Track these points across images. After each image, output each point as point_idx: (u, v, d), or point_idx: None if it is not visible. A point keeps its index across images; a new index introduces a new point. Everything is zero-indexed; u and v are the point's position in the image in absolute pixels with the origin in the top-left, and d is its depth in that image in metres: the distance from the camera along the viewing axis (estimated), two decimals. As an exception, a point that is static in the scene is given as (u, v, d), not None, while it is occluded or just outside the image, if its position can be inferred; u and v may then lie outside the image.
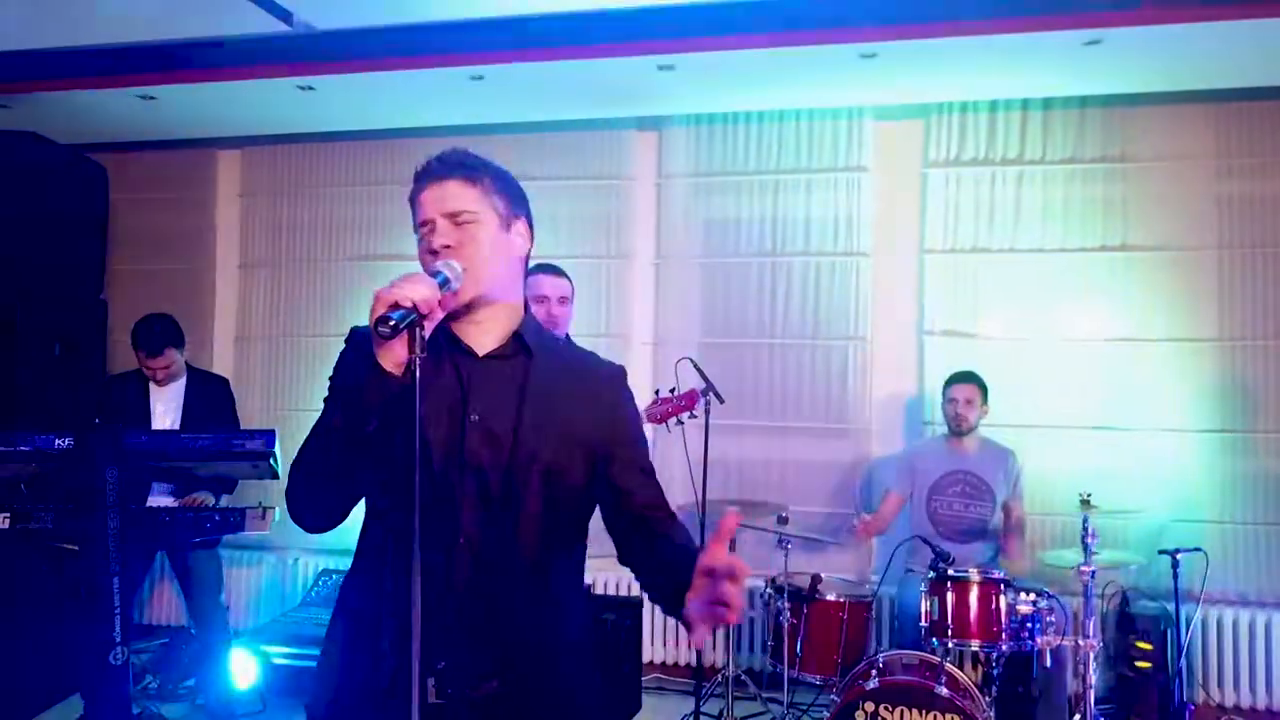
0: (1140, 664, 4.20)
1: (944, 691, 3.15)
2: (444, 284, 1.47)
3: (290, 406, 5.53)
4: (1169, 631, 4.24)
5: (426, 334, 1.43)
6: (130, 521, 3.34)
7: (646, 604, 4.86)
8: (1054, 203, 4.73)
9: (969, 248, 4.80)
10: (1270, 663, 4.37)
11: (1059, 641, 3.31)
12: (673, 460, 4.32)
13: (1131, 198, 4.66)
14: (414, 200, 1.62)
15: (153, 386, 4.20)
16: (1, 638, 4.16)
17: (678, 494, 4.72)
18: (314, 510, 1.57)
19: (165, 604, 5.55)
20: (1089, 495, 3.39)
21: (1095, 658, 3.29)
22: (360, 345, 1.58)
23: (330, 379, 1.64)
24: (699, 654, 4.66)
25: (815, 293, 4.94)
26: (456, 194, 1.58)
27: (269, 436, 3.32)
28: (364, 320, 1.69)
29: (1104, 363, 4.65)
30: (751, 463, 4.97)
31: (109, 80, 4.52)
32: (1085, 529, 3.30)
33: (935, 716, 3.12)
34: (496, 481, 1.53)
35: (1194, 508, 4.51)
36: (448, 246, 1.55)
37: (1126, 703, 4.17)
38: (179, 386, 4.25)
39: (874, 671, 3.37)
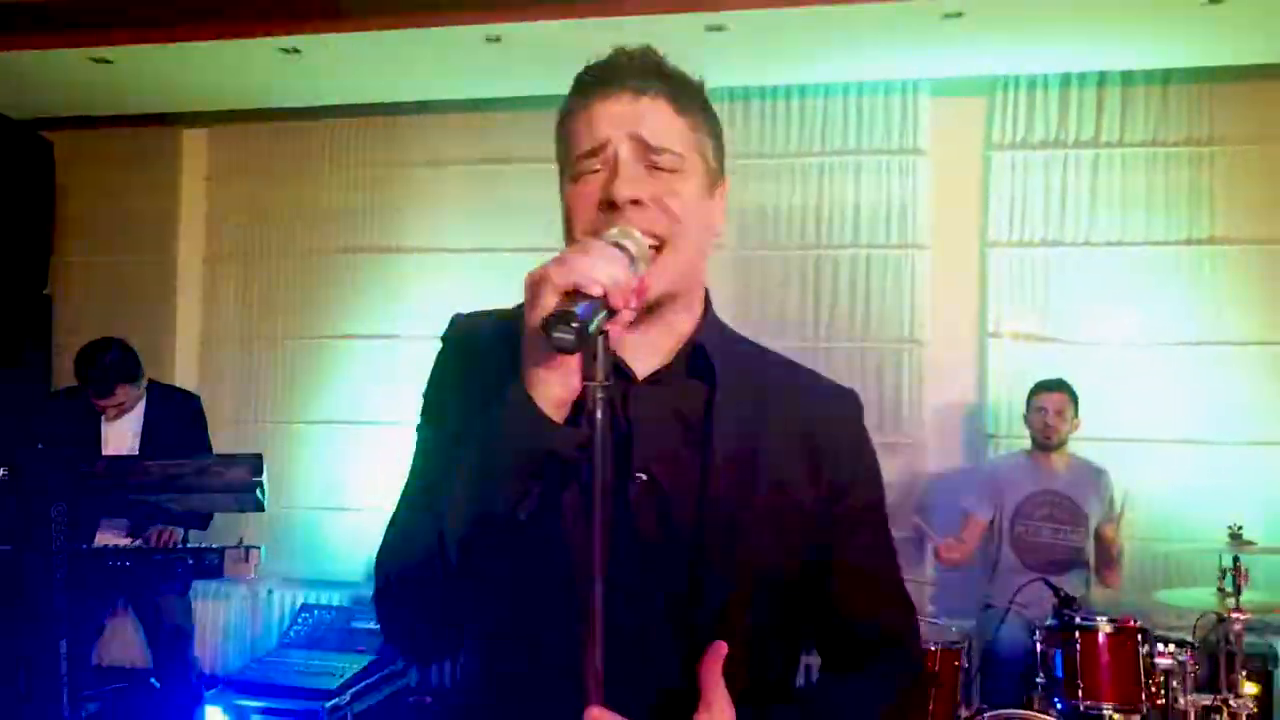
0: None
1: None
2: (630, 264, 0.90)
3: (264, 417, 4.86)
4: (1276, 674, 3.78)
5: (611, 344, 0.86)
6: (82, 567, 2.73)
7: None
8: (1134, 190, 4.25)
9: (1038, 240, 4.32)
10: None
11: (1208, 701, 2.79)
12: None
13: (1221, 185, 4.19)
14: (573, 115, 1.01)
15: None
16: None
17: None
18: (419, 636, 1.00)
19: (124, 641, 4.83)
20: (1240, 528, 2.87)
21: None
22: (474, 351, 1.01)
23: (423, 402, 1.04)
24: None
25: (865, 290, 4.43)
26: (658, 119, 0.97)
27: (255, 463, 2.74)
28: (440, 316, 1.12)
29: (1188, 370, 4.17)
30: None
31: (54, 38, 3.85)
32: (1236, 568, 2.78)
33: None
34: (677, 580, 0.96)
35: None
36: (637, 202, 0.94)
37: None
38: (138, 408, 3.60)
39: (982, 737, 2.85)
